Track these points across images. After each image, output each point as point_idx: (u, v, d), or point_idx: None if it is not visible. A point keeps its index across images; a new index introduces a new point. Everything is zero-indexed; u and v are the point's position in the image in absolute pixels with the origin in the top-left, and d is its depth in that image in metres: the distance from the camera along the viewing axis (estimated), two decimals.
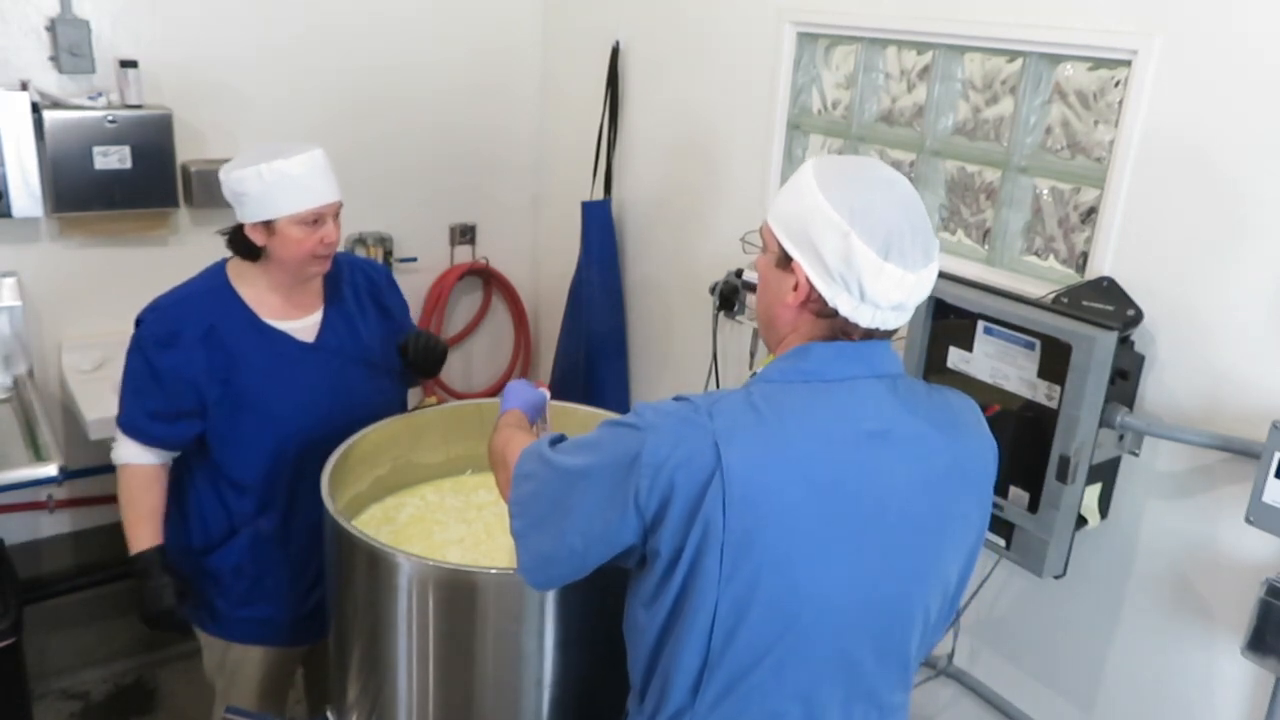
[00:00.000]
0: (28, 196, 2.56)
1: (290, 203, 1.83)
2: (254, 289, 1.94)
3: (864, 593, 1.22)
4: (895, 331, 1.24)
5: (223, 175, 1.86)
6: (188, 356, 1.87)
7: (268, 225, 1.85)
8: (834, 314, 1.19)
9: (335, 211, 1.90)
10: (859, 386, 1.21)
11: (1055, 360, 1.73)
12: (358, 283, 2.09)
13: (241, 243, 1.90)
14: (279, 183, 1.81)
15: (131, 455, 1.92)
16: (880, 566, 1.22)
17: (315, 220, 1.86)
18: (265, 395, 1.92)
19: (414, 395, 3.55)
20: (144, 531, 1.93)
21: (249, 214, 1.84)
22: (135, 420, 1.90)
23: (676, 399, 1.21)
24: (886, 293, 1.16)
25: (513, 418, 1.60)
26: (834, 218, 1.15)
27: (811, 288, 1.19)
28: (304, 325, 1.98)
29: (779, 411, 1.18)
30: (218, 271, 1.98)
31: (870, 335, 1.22)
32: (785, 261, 1.21)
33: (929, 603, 1.29)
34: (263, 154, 1.83)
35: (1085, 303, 1.81)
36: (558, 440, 1.33)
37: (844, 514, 1.19)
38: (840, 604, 1.22)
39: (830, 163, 1.23)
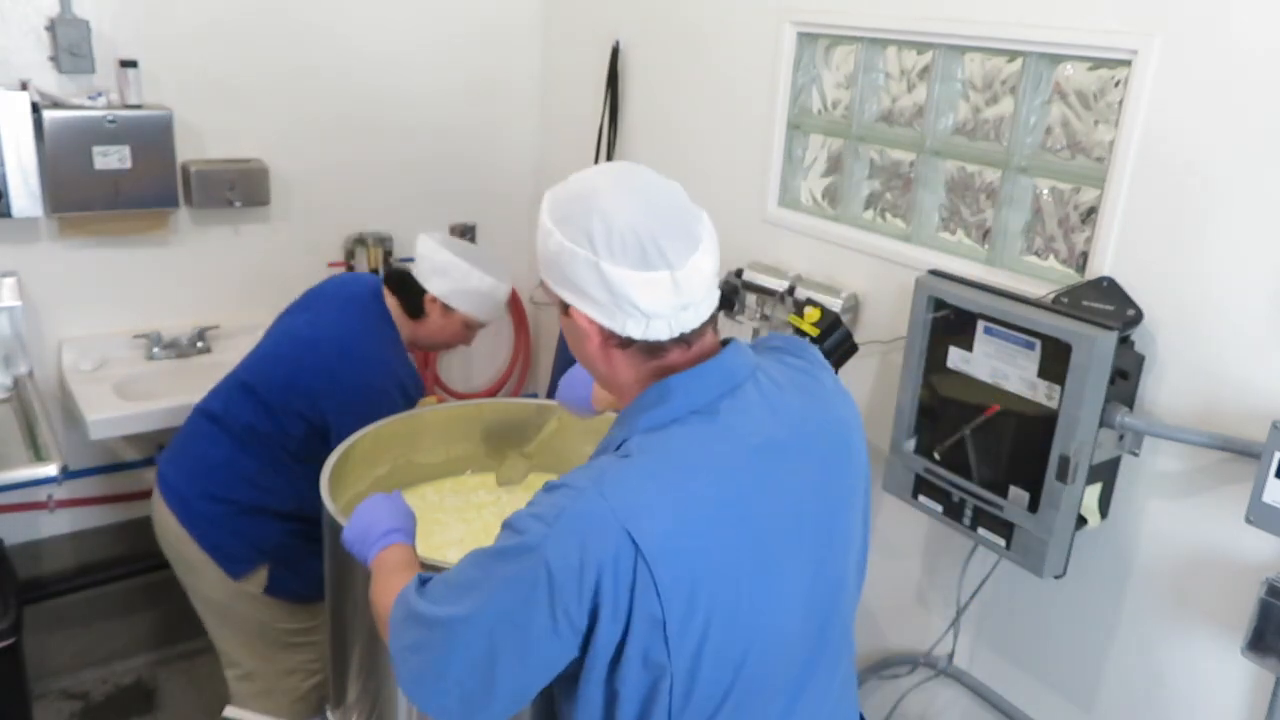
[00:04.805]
0: (27, 196, 2.55)
1: (483, 311, 2.27)
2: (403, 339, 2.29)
3: (804, 603, 1.20)
4: (710, 324, 1.19)
5: (432, 251, 2.20)
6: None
7: (448, 309, 2.23)
8: (631, 341, 1.14)
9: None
10: (729, 403, 1.16)
11: (1055, 360, 1.73)
12: None
13: (413, 300, 2.23)
14: (484, 293, 2.23)
15: None
16: (813, 572, 1.21)
17: (476, 328, 2.31)
18: None
19: None
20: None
21: (442, 292, 2.21)
22: None
23: (549, 488, 1.12)
24: (664, 300, 1.11)
25: (388, 556, 1.39)
26: (578, 251, 1.10)
27: (598, 326, 1.14)
28: None
29: (670, 463, 1.10)
30: (393, 324, 2.25)
31: (687, 340, 1.16)
32: (565, 309, 1.17)
33: (853, 579, 1.29)
34: (476, 258, 2.22)
35: (1085, 303, 1.81)
36: (426, 581, 1.19)
37: (767, 538, 1.15)
38: (786, 624, 1.19)
39: (558, 193, 1.17)
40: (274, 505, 2.15)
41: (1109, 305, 1.79)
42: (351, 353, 2.12)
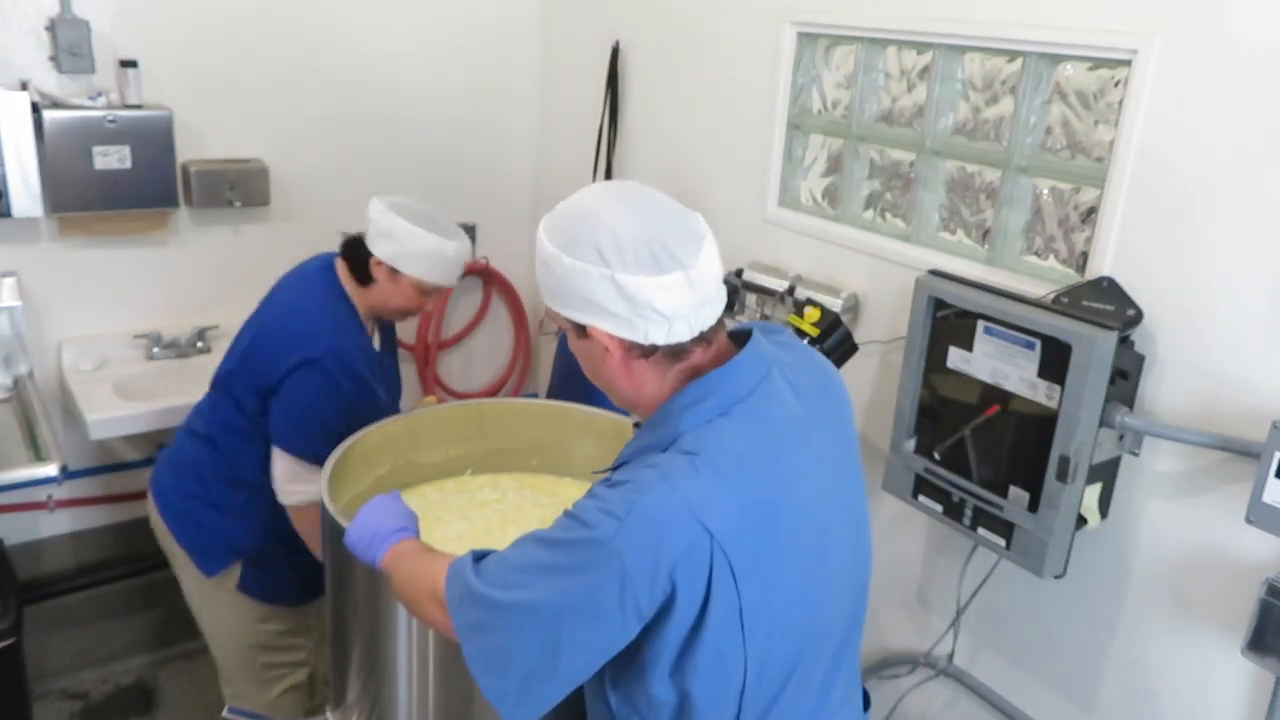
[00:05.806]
0: (27, 196, 2.55)
1: (431, 274, 2.10)
2: (358, 308, 2.17)
3: (849, 573, 1.28)
4: (723, 321, 1.23)
5: (379, 214, 2.08)
6: (360, 378, 2.09)
7: (395, 272, 2.09)
8: (655, 348, 1.17)
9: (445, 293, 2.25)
10: (763, 390, 1.19)
11: (1055, 360, 1.73)
12: None
13: (361, 265, 2.12)
14: (430, 254, 2.07)
15: (318, 490, 1.86)
16: (852, 542, 1.28)
17: (431, 292, 2.14)
18: (380, 401, 2.14)
19: (413, 397, 3.55)
20: None
21: (387, 255, 2.08)
22: (321, 451, 1.91)
23: (612, 484, 1.14)
24: (682, 300, 1.14)
25: (407, 547, 1.40)
26: (590, 269, 1.13)
27: (619, 340, 1.17)
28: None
29: (727, 453, 1.13)
30: (342, 294, 2.14)
31: (707, 338, 1.20)
32: (582, 331, 1.19)
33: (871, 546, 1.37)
34: (425, 220, 2.09)
35: (1085, 303, 1.81)
36: (480, 558, 1.20)
37: (817, 514, 1.20)
38: (838, 596, 1.26)
39: (555, 219, 1.20)
40: (253, 505, 2.17)
41: (1109, 305, 1.79)
42: (294, 333, 2.06)
